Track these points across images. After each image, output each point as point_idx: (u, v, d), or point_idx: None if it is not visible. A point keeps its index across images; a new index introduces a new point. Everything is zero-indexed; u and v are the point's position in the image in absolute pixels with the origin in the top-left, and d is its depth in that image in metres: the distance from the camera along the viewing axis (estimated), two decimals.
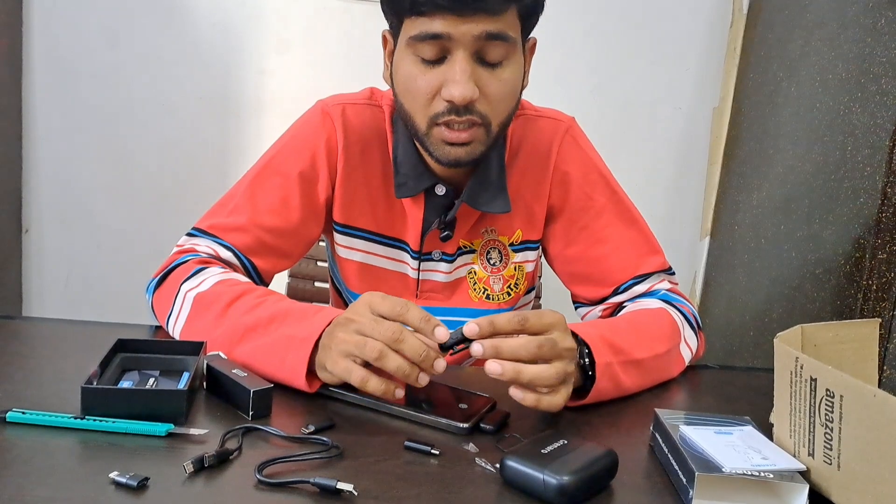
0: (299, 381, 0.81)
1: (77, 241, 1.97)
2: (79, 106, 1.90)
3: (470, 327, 0.77)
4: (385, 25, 0.99)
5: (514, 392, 0.78)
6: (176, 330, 0.94)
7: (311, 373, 0.82)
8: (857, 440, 0.64)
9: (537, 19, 0.98)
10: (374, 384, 0.76)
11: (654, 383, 0.96)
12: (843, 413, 0.65)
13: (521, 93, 0.99)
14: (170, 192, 1.96)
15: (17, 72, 1.84)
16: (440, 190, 1.04)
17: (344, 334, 0.77)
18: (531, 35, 0.99)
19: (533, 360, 0.77)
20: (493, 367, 0.76)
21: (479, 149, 0.95)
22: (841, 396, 0.65)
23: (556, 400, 0.79)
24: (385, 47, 1.01)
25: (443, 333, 0.76)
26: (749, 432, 0.75)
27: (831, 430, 0.66)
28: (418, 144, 1.01)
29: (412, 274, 1.10)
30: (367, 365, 0.77)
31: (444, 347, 0.77)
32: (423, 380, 0.76)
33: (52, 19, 1.85)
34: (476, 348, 0.76)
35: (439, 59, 0.91)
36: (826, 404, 0.66)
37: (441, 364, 0.76)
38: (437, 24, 0.88)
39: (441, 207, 1.06)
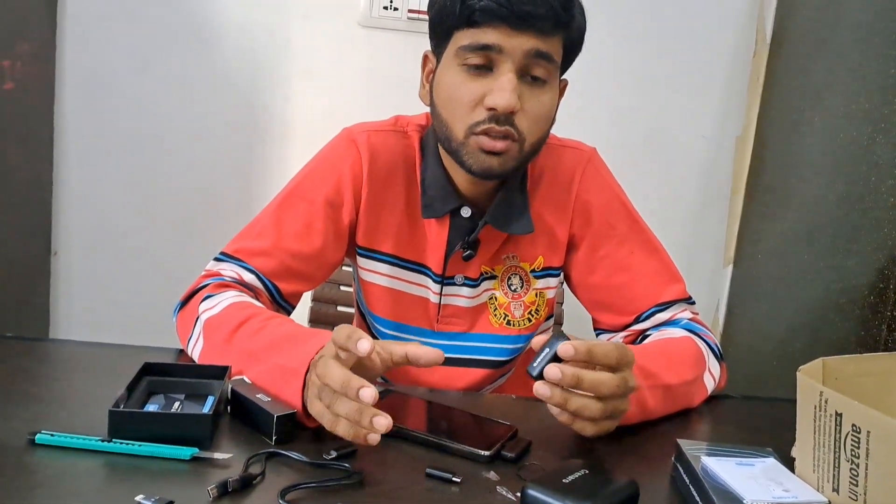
0: (299, 415, 0.79)
1: (105, 264, 1.99)
2: (109, 131, 1.93)
3: (566, 349, 0.76)
4: (422, 48, 1.01)
5: (553, 405, 0.79)
6: (194, 353, 0.95)
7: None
8: (885, 477, 0.63)
9: (574, 58, 1.02)
10: (343, 428, 0.72)
11: (677, 410, 0.96)
12: (870, 449, 0.64)
13: (551, 126, 1.02)
14: (197, 216, 1.98)
15: (50, 97, 1.88)
16: (465, 212, 1.06)
17: (314, 376, 0.76)
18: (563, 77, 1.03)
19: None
20: (542, 390, 0.77)
21: (510, 163, 0.97)
22: (868, 432, 0.64)
23: (594, 428, 0.81)
24: (424, 68, 1.04)
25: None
26: (771, 464, 0.74)
27: (857, 465, 0.65)
28: (450, 158, 1.02)
29: (433, 298, 1.11)
30: None
31: (534, 375, 0.76)
32: (372, 439, 0.70)
33: (85, 46, 1.90)
34: (553, 372, 0.75)
35: (485, 71, 0.94)
36: (852, 439, 0.66)
37: (381, 422, 0.69)
38: (490, 36, 0.92)
39: (465, 230, 1.07)
